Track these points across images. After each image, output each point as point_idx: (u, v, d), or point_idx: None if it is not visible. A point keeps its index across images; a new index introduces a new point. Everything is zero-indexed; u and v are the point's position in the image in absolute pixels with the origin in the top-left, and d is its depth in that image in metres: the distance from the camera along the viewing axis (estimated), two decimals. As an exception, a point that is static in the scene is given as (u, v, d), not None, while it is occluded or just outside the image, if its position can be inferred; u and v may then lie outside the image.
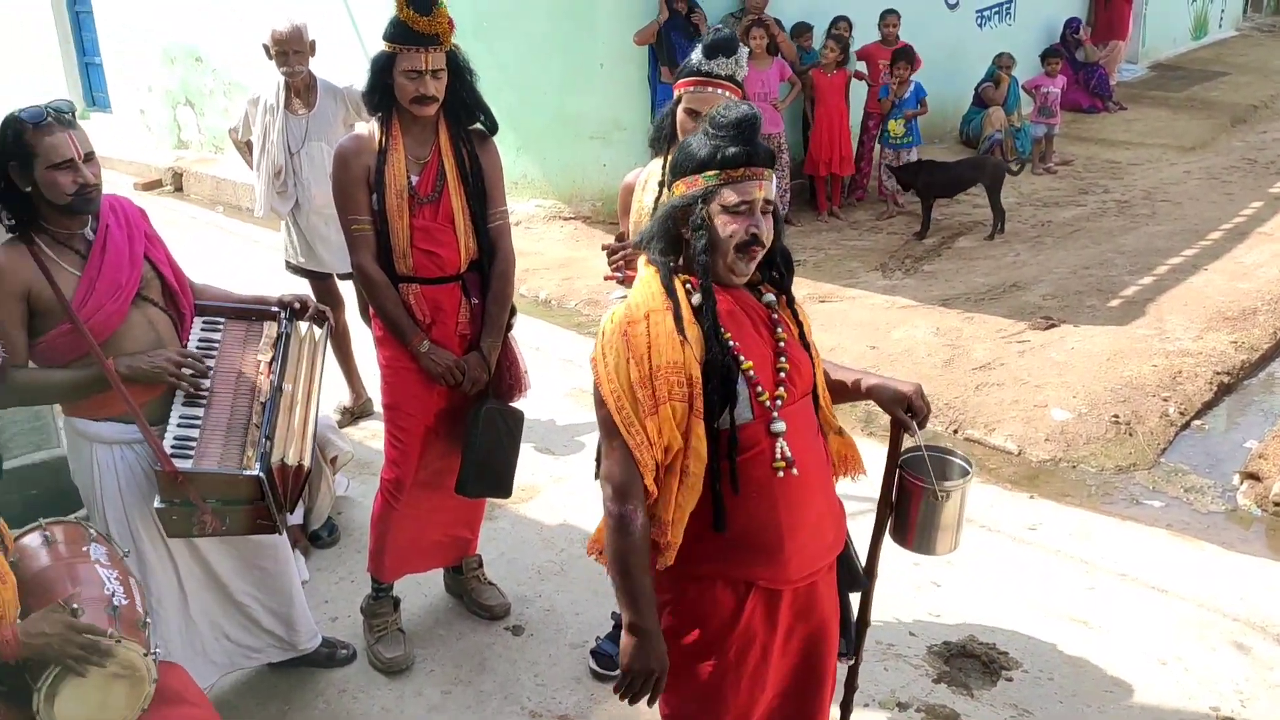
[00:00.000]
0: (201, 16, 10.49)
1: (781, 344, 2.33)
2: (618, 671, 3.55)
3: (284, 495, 3.07)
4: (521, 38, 8.43)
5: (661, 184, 3.22)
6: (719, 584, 2.33)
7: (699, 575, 2.33)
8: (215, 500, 2.95)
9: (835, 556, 2.48)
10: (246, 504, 2.99)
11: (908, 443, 2.58)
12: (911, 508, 2.57)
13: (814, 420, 2.40)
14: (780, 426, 2.27)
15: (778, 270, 2.39)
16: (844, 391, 2.57)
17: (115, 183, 10.58)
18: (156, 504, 2.94)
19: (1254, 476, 4.77)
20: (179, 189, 10.64)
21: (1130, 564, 4.20)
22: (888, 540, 2.70)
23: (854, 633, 2.80)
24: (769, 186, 2.24)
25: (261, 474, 2.94)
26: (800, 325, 2.42)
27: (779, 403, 2.28)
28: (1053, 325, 6.35)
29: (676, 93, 3.14)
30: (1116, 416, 5.28)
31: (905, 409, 2.48)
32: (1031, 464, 5.05)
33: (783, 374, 2.30)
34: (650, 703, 2.33)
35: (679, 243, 2.29)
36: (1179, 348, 5.97)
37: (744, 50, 3.14)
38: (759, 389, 2.26)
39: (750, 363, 2.26)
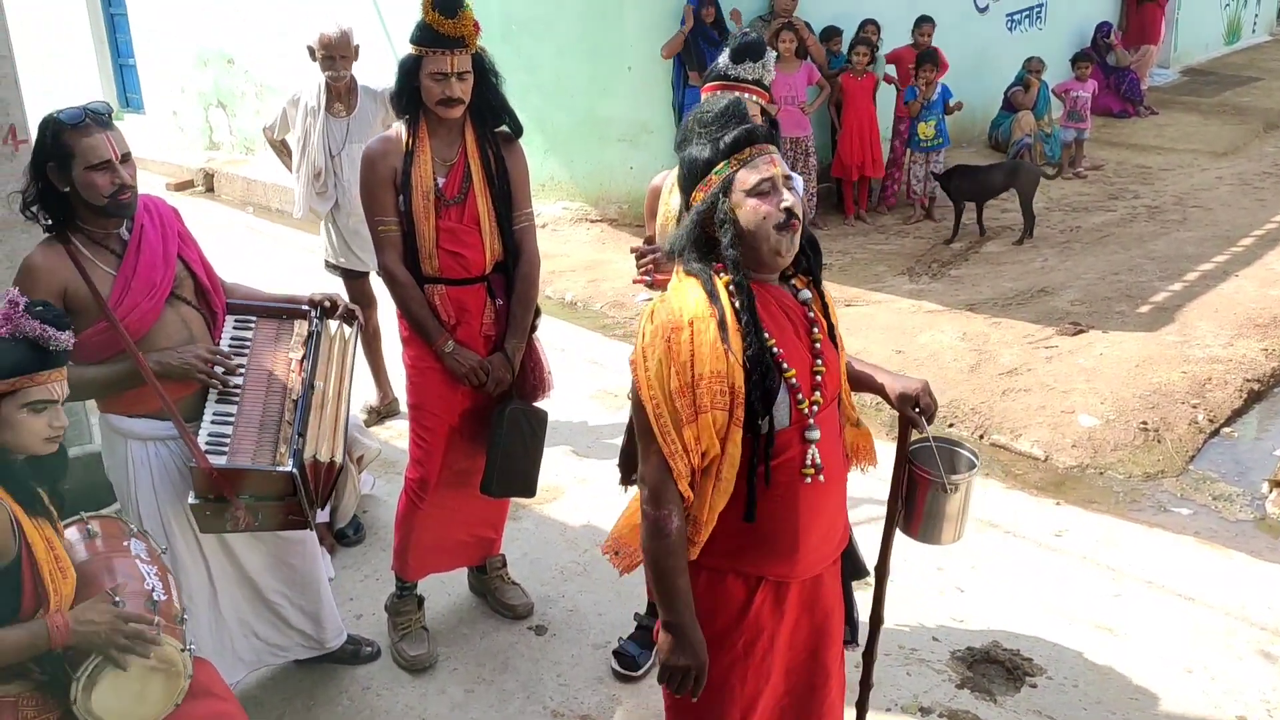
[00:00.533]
0: (234, 19, 10.60)
1: (817, 345, 2.32)
2: (639, 672, 3.59)
3: (315, 491, 3.11)
4: (550, 41, 8.46)
5: None
6: (730, 575, 2.35)
7: (711, 566, 2.34)
8: (248, 496, 2.99)
9: (841, 551, 2.51)
10: (278, 500, 3.03)
11: (915, 436, 2.60)
12: (918, 499, 2.59)
13: (838, 421, 2.41)
14: (815, 434, 2.27)
15: (806, 256, 2.35)
16: (854, 383, 2.59)
17: (148, 183, 10.66)
18: (191, 500, 2.98)
19: (1284, 485, 4.73)
20: (210, 190, 10.75)
21: (1157, 571, 4.17)
22: (901, 538, 2.72)
23: (869, 629, 2.82)
24: (781, 162, 2.22)
25: (295, 470, 2.97)
26: (829, 319, 2.41)
27: (815, 409, 2.28)
28: (1081, 331, 6.31)
29: (704, 96, 3.15)
30: (1145, 423, 5.24)
31: (913, 406, 2.49)
32: (1058, 470, 5.02)
33: (819, 377, 2.30)
34: (694, 696, 2.33)
35: (713, 246, 2.24)
36: (1208, 354, 5.92)
37: (771, 54, 3.15)
38: (799, 396, 2.25)
39: (794, 370, 2.24)
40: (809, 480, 2.28)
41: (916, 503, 2.60)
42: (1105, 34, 11.84)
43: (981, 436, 5.30)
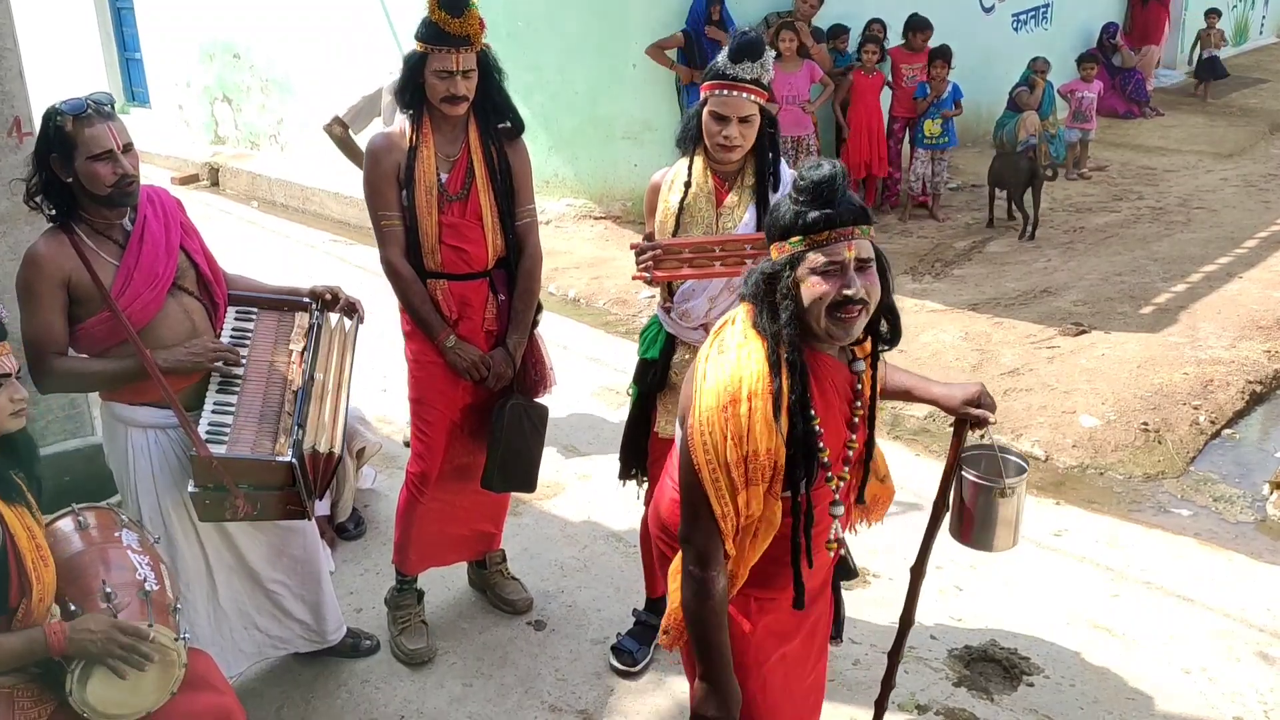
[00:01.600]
0: (240, 14, 10.62)
1: (856, 420, 2.32)
2: (638, 668, 3.60)
3: (314, 482, 3.12)
4: (555, 39, 8.47)
5: (687, 184, 3.24)
6: (735, 598, 2.39)
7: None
8: (247, 486, 3.00)
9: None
10: (278, 490, 3.04)
11: (972, 440, 2.62)
12: (970, 504, 2.58)
13: (854, 486, 2.45)
14: (839, 510, 2.33)
15: (879, 330, 2.31)
16: (904, 395, 2.63)
17: (152, 177, 10.69)
18: (190, 489, 2.99)
19: (1284, 487, 4.72)
20: (215, 184, 10.77)
21: (1156, 572, 4.17)
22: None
23: (899, 629, 2.85)
24: (861, 245, 2.15)
25: (294, 460, 2.99)
26: (874, 395, 2.38)
27: (840, 484, 2.30)
28: (1083, 331, 6.30)
29: (703, 94, 3.16)
30: (1146, 424, 5.24)
31: (975, 408, 2.53)
32: (1059, 470, 5.02)
33: (850, 452, 2.32)
34: None
35: (774, 307, 2.20)
36: (1211, 356, 5.92)
37: (770, 53, 3.14)
38: (829, 475, 2.28)
39: (827, 450, 2.25)
40: (831, 554, 2.39)
41: (968, 508, 2.59)
42: (1111, 34, 11.83)
43: (982, 436, 5.28)
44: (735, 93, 3.05)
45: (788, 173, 3.23)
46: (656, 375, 3.37)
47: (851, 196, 2.16)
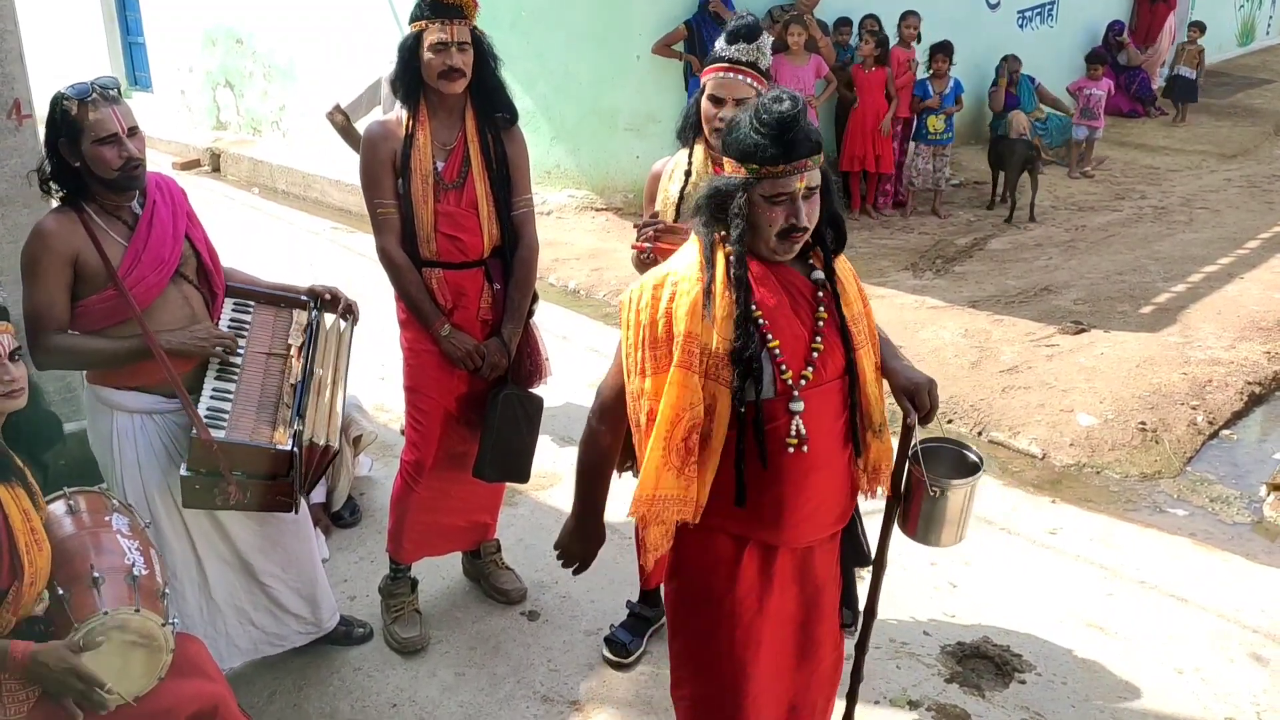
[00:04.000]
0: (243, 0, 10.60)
1: (820, 324, 2.36)
2: (630, 659, 3.59)
3: (305, 475, 3.12)
4: (559, 30, 8.45)
5: (688, 173, 3.24)
6: (719, 535, 2.44)
7: (702, 526, 2.42)
8: (241, 473, 3.00)
9: (838, 529, 2.55)
10: (269, 479, 3.04)
11: (923, 435, 2.58)
12: (914, 499, 2.57)
13: (839, 405, 2.41)
14: (798, 406, 2.31)
15: (826, 240, 2.42)
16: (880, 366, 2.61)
17: (154, 161, 10.67)
18: (183, 472, 2.97)
19: (1281, 488, 4.72)
20: (216, 169, 10.76)
21: (1151, 572, 4.17)
22: (899, 533, 2.70)
23: (862, 621, 2.81)
24: (811, 175, 2.27)
25: (295, 450, 3.00)
26: (840, 306, 2.41)
27: (803, 382, 2.32)
28: (1083, 330, 6.30)
29: (703, 81, 3.15)
30: (1143, 423, 5.24)
31: (911, 402, 2.48)
32: (1055, 468, 5.01)
33: (815, 354, 2.34)
34: (576, 574, 2.73)
35: (725, 216, 2.32)
36: (1210, 356, 5.91)
37: (767, 38, 3.14)
38: (783, 367, 2.30)
39: (777, 341, 2.30)
40: (792, 450, 2.33)
41: (913, 503, 2.58)
42: (1117, 33, 11.79)
43: (980, 433, 5.30)
44: (731, 74, 3.05)
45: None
46: None
47: (808, 128, 2.26)
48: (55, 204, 3.04)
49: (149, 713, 2.55)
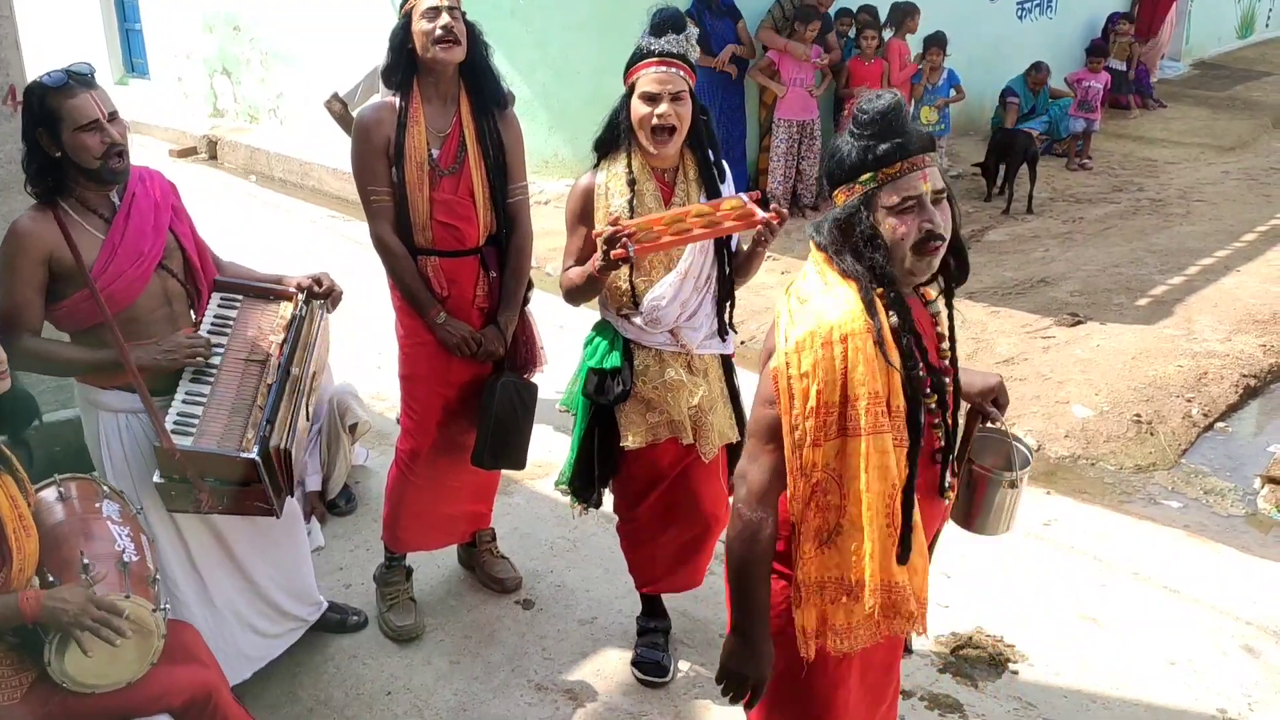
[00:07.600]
0: (241, -14, 10.56)
1: (945, 361, 2.22)
2: (666, 680, 3.49)
3: (283, 479, 3.03)
4: (560, 18, 8.42)
5: (631, 183, 3.11)
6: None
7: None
8: (213, 480, 2.93)
9: None
10: (242, 485, 2.96)
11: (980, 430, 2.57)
12: (978, 493, 2.53)
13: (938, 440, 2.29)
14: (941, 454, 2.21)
15: (948, 266, 2.18)
16: None
17: (151, 149, 10.69)
18: (156, 479, 2.93)
19: (1275, 481, 4.72)
20: (213, 157, 10.72)
21: (1145, 564, 4.18)
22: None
23: None
24: (934, 174, 2.04)
25: (258, 458, 2.90)
26: (953, 336, 2.27)
27: (939, 429, 2.20)
28: (1079, 322, 6.30)
29: (629, 81, 3.07)
30: (1138, 416, 5.24)
31: (992, 401, 2.43)
32: (1050, 460, 5.02)
33: (945, 396, 2.22)
34: (748, 707, 2.29)
35: (859, 251, 2.07)
36: (1206, 349, 5.92)
37: (693, 30, 3.08)
38: (935, 421, 2.16)
39: (934, 396, 2.15)
40: (947, 501, 2.28)
41: (976, 497, 2.53)
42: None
43: (989, 424, 5.29)
44: (664, 68, 3.01)
45: (726, 167, 3.18)
46: (624, 384, 3.24)
47: (916, 124, 2.05)
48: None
49: (141, 699, 2.56)
